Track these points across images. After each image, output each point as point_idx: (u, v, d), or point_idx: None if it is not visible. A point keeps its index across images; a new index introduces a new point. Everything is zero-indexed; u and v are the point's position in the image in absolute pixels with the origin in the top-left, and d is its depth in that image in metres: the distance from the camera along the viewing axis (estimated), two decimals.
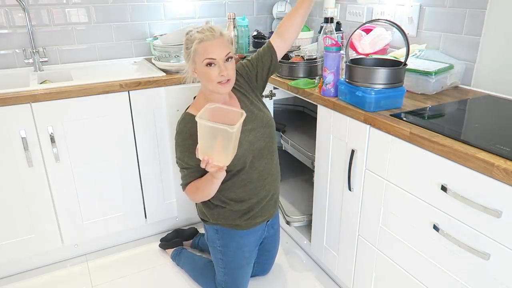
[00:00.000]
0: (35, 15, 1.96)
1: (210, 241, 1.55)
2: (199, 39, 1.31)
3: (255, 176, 1.41)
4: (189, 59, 1.36)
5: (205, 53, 1.31)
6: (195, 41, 1.32)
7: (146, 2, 2.17)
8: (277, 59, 1.49)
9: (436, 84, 1.43)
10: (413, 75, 1.45)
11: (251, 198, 1.44)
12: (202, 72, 1.34)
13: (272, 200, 1.51)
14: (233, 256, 1.50)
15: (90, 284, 1.74)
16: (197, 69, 1.35)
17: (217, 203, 1.45)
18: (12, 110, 1.53)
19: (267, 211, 1.50)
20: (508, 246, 0.93)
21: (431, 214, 1.12)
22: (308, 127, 2.13)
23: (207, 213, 1.49)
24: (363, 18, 1.98)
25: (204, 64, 1.32)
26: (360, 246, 1.45)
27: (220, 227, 1.49)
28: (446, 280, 1.11)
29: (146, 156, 1.86)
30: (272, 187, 1.48)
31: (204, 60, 1.31)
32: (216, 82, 1.32)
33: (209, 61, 1.31)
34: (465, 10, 1.51)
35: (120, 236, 1.99)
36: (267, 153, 1.43)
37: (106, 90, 1.67)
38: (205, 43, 1.31)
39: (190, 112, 1.40)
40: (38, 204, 1.69)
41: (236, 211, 1.45)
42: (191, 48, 1.33)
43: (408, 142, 1.14)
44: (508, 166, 0.89)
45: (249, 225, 1.47)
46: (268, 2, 2.50)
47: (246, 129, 1.38)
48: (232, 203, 1.44)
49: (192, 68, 1.37)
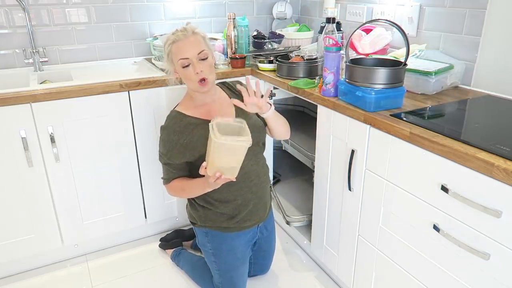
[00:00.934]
0: (35, 15, 1.96)
1: (201, 245, 1.55)
2: (172, 40, 1.34)
3: (240, 177, 1.37)
4: (169, 61, 1.38)
5: (179, 53, 1.33)
6: (168, 42, 1.35)
7: (146, 2, 2.17)
8: None
9: (436, 84, 1.43)
10: (413, 75, 1.45)
11: (236, 199, 1.43)
12: (180, 72, 1.37)
13: (261, 204, 1.49)
14: (225, 258, 1.50)
15: (90, 284, 1.74)
16: (177, 70, 1.38)
17: (202, 204, 1.45)
18: (12, 110, 1.53)
19: (256, 215, 1.49)
20: (508, 246, 0.93)
21: (431, 214, 1.12)
22: (308, 127, 2.13)
23: (194, 215, 1.49)
24: (363, 18, 1.98)
25: (180, 65, 1.34)
26: (360, 246, 1.45)
27: (209, 230, 1.48)
28: (446, 280, 1.11)
29: (146, 156, 1.86)
30: (259, 190, 1.47)
31: (179, 61, 1.33)
32: (196, 81, 1.34)
33: (183, 61, 1.33)
34: (465, 10, 1.51)
35: (120, 236, 1.99)
36: (251, 155, 1.41)
37: (106, 90, 1.67)
38: (178, 43, 1.33)
39: (176, 110, 1.43)
40: (38, 204, 1.69)
41: (222, 213, 1.44)
42: (168, 49, 1.36)
43: (408, 142, 1.14)
44: (508, 166, 0.89)
45: (238, 228, 1.47)
46: (268, 2, 2.50)
47: None
48: (217, 203, 1.43)
49: (173, 69, 1.40)
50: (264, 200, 1.51)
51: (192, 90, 1.40)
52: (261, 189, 1.48)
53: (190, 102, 1.45)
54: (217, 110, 1.43)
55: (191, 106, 1.44)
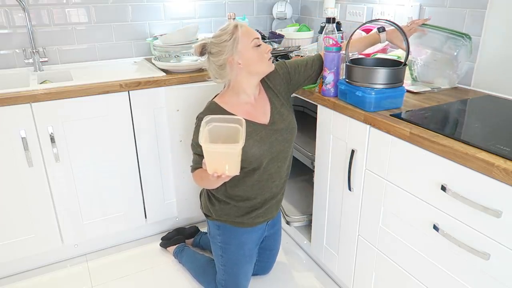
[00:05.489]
0: (35, 15, 1.96)
1: (211, 237, 1.56)
2: (236, 26, 1.33)
3: (265, 177, 1.41)
4: (231, 51, 1.32)
5: (250, 35, 1.33)
6: (233, 29, 1.32)
7: (146, 2, 2.17)
8: (319, 73, 1.49)
9: (463, 55, 1.39)
10: (441, 35, 1.39)
11: (256, 198, 1.44)
12: (251, 56, 1.33)
13: (275, 201, 1.50)
14: (233, 253, 1.51)
15: (90, 284, 1.74)
16: (243, 57, 1.32)
17: (222, 198, 1.45)
18: (12, 110, 1.53)
19: (270, 212, 1.51)
20: (508, 246, 0.93)
21: (431, 214, 1.12)
22: (308, 127, 2.13)
23: (211, 209, 1.49)
24: (363, 18, 1.98)
25: (252, 46, 1.33)
26: (360, 246, 1.45)
27: (222, 223, 1.49)
28: (446, 280, 1.11)
29: (146, 156, 1.86)
30: (278, 189, 1.48)
31: (253, 41, 1.33)
32: (267, 60, 1.35)
33: (257, 41, 1.33)
34: (465, 10, 1.51)
35: (120, 236, 1.99)
36: (282, 158, 1.43)
37: (106, 90, 1.67)
38: (243, 28, 1.33)
39: (215, 102, 1.39)
40: (38, 204, 1.69)
41: (240, 208, 1.45)
42: (231, 38, 1.31)
43: (408, 142, 1.14)
44: (508, 166, 0.89)
45: (251, 224, 1.48)
46: (268, 2, 2.50)
47: (271, 129, 1.39)
48: (237, 199, 1.44)
49: (236, 59, 1.32)
50: (279, 198, 1.53)
51: (259, 72, 1.37)
52: (280, 188, 1.49)
53: (233, 98, 1.40)
54: (256, 112, 1.40)
55: (233, 102, 1.39)
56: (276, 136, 1.39)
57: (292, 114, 1.47)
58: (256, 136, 1.36)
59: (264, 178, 1.41)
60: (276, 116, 1.41)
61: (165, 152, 1.90)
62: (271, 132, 1.39)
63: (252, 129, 1.36)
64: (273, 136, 1.39)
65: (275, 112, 1.42)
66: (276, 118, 1.41)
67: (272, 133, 1.39)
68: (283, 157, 1.44)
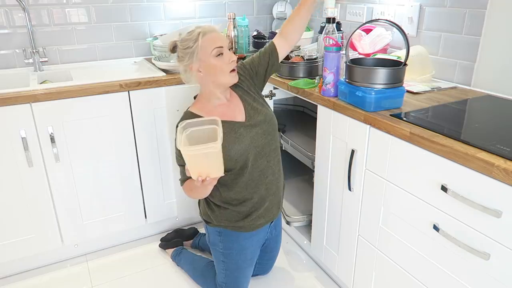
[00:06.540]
0: (35, 15, 1.96)
1: (212, 244, 1.54)
2: (201, 33, 1.32)
3: (256, 175, 1.41)
4: (192, 59, 1.34)
5: (213, 43, 1.31)
6: (197, 36, 1.32)
7: (146, 2, 2.17)
8: (277, 59, 1.49)
9: None
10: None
11: (253, 197, 1.43)
12: (211, 66, 1.33)
13: (275, 200, 1.50)
14: (235, 258, 1.50)
15: (90, 284, 1.74)
16: (204, 65, 1.34)
17: (220, 204, 1.45)
18: (12, 110, 1.53)
19: (270, 212, 1.50)
20: (508, 246, 0.93)
21: (431, 214, 1.12)
22: (308, 127, 2.13)
23: (211, 215, 1.48)
24: (363, 18, 1.98)
25: (213, 55, 1.32)
26: (360, 246, 1.45)
27: (223, 229, 1.48)
28: (446, 280, 1.11)
29: (146, 156, 1.86)
30: (274, 186, 1.47)
31: (214, 50, 1.31)
32: (228, 71, 1.33)
33: (219, 50, 1.31)
34: (465, 10, 1.51)
35: (120, 236, 1.99)
36: (268, 151, 1.43)
37: (106, 90, 1.67)
38: (208, 35, 1.32)
39: (191, 111, 1.41)
40: (38, 204, 1.69)
41: (239, 212, 1.44)
42: (194, 45, 1.32)
43: (408, 142, 1.14)
44: (508, 166, 0.89)
45: (252, 227, 1.47)
46: (268, 2, 2.50)
47: (249, 125, 1.39)
48: (235, 203, 1.43)
49: (196, 67, 1.35)
50: (279, 197, 1.52)
51: (221, 83, 1.36)
52: (276, 185, 1.49)
53: (206, 104, 1.42)
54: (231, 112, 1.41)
55: (207, 108, 1.41)
56: (255, 130, 1.39)
57: (266, 106, 1.48)
58: (235, 134, 1.36)
59: (255, 176, 1.41)
60: (251, 111, 1.42)
61: (165, 152, 1.90)
62: (250, 127, 1.38)
63: (230, 128, 1.36)
64: (252, 130, 1.38)
65: (249, 108, 1.42)
66: (251, 113, 1.42)
67: (251, 128, 1.39)
68: (270, 151, 1.43)
